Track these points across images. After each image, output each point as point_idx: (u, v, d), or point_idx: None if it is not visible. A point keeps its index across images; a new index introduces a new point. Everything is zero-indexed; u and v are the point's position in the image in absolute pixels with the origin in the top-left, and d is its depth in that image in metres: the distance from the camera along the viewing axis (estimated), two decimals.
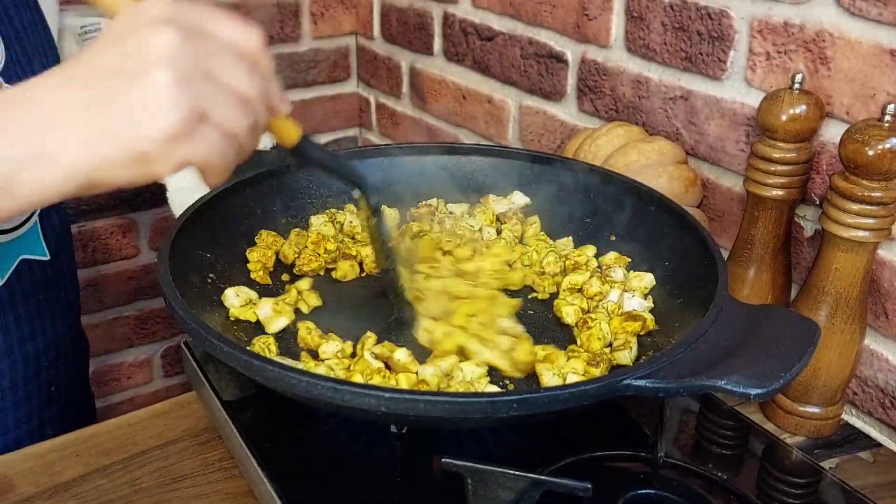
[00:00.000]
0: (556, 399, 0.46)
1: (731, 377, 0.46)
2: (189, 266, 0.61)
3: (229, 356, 0.49)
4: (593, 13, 0.93)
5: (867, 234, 0.62)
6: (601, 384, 0.47)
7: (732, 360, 0.48)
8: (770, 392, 0.46)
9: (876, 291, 0.71)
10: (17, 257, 0.76)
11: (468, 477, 0.49)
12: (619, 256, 0.72)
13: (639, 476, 0.55)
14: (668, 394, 0.47)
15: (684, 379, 0.47)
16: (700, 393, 0.47)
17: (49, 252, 0.80)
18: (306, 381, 0.47)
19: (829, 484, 0.62)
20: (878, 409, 0.73)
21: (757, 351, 0.49)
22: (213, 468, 0.65)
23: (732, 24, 0.78)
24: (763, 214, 0.71)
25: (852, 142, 0.61)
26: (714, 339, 0.51)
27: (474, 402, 0.47)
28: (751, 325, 0.52)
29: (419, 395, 0.48)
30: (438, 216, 0.78)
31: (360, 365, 0.58)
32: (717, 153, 0.83)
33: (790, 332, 0.51)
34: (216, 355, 0.51)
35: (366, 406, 0.46)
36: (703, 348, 0.50)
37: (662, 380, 0.47)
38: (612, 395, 0.47)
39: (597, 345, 0.62)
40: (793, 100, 0.67)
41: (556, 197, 0.78)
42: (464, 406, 0.46)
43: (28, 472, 0.65)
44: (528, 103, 1.07)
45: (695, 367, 0.48)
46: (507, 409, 0.46)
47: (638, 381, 0.47)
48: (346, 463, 0.59)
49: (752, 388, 0.45)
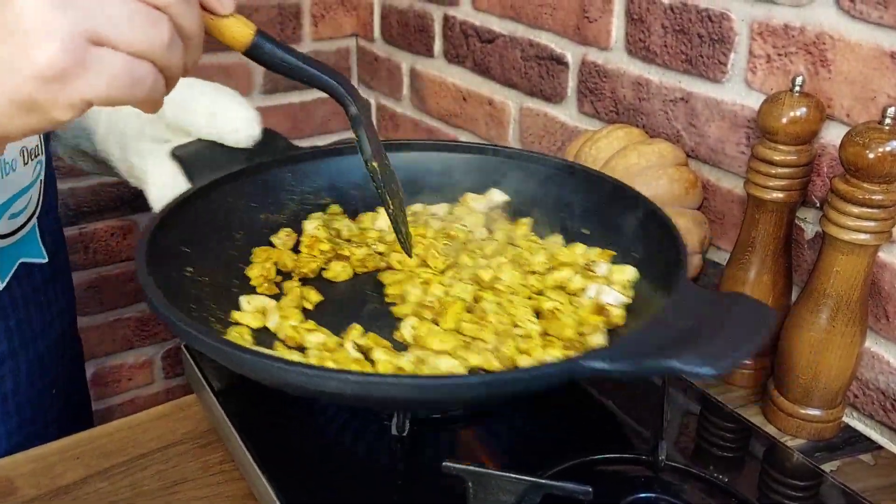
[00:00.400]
0: (518, 380, 0.47)
1: (683, 357, 0.46)
2: (168, 262, 0.60)
3: (201, 343, 0.49)
4: (594, 15, 0.93)
5: (868, 236, 0.62)
6: (561, 366, 0.49)
7: (688, 343, 0.48)
8: (719, 371, 0.46)
9: (877, 294, 0.71)
10: (16, 261, 0.76)
11: (469, 480, 0.49)
12: (604, 251, 0.72)
13: (640, 479, 0.55)
14: (624, 375, 0.47)
15: (640, 360, 0.47)
16: (655, 374, 0.48)
17: (47, 254, 0.79)
18: (278, 366, 0.47)
19: (829, 487, 0.61)
20: (879, 411, 0.73)
21: (712, 334, 0.49)
22: (213, 471, 0.65)
23: (733, 27, 0.78)
24: (763, 217, 0.71)
25: (853, 145, 0.61)
26: (673, 324, 0.51)
27: (440, 383, 0.48)
28: (710, 310, 0.52)
29: (384, 378, 0.49)
30: (423, 219, 0.77)
31: (339, 354, 0.58)
32: (717, 155, 0.83)
33: (746, 317, 0.51)
34: (191, 343, 0.50)
35: (333, 389, 0.46)
36: (662, 332, 0.50)
37: (619, 361, 0.48)
38: (572, 377, 0.48)
39: (568, 332, 0.62)
40: (793, 102, 0.67)
41: (526, 191, 0.77)
42: (430, 387, 0.47)
43: (29, 475, 0.65)
44: (528, 105, 1.07)
45: (649, 349, 0.48)
46: (472, 391, 0.46)
47: (595, 362, 0.47)
48: (346, 465, 0.59)
49: (702, 367, 0.46)
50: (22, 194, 0.74)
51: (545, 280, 0.70)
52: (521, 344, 0.61)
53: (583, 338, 0.62)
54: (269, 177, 0.74)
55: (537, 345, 0.60)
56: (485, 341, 0.61)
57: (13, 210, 0.74)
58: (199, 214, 0.67)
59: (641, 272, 0.68)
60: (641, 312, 0.64)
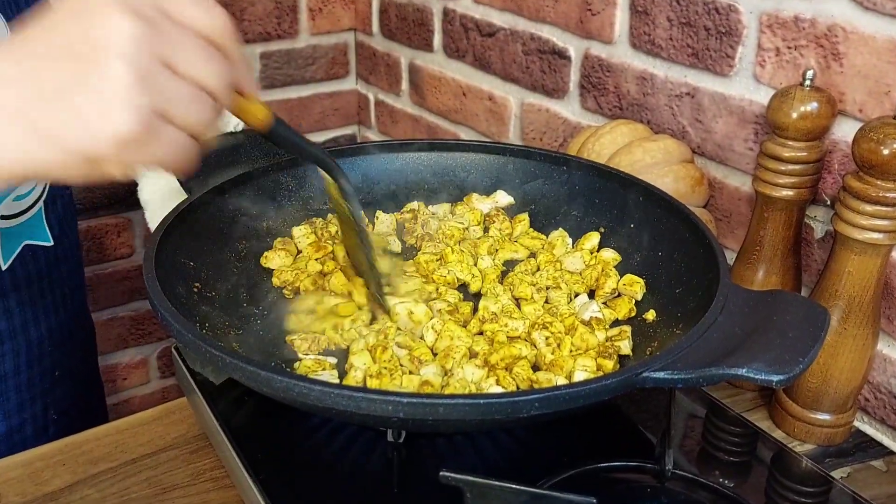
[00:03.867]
0: (578, 395, 0.46)
1: (752, 364, 0.46)
2: (174, 275, 0.59)
3: (209, 356, 0.48)
4: (597, 8, 0.92)
5: (881, 235, 0.61)
6: (621, 378, 0.47)
7: (747, 347, 0.48)
8: (791, 378, 0.46)
9: (889, 295, 0.70)
10: (20, 243, 0.77)
11: (467, 491, 0.47)
12: (615, 256, 0.71)
13: (645, 489, 0.53)
14: (687, 384, 0.47)
15: (702, 368, 0.47)
16: (718, 382, 0.47)
17: (52, 238, 0.80)
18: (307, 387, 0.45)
19: (840, 493, 0.60)
20: (891, 416, 0.72)
21: (770, 337, 0.49)
22: (203, 477, 0.63)
23: (741, 19, 0.77)
24: (772, 215, 0.69)
25: (866, 140, 0.59)
26: (725, 328, 0.51)
27: (493, 402, 0.45)
28: (758, 310, 0.52)
29: (435, 399, 0.47)
30: (422, 218, 0.76)
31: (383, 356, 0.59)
32: (724, 152, 0.82)
33: (799, 317, 0.51)
34: (208, 362, 0.49)
35: (380, 413, 0.44)
36: (715, 337, 0.50)
37: (680, 371, 0.47)
38: (632, 389, 0.47)
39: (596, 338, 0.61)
40: (804, 97, 0.65)
41: (541, 191, 0.77)
42: (485, 407, 0.45)
43: (14, 481, 0.63)
44: (529, 101, 1.06)
45: (710, 356, 0.48)
46: (529, 408, 0.45)
47: (656, 373, 0.47)
48: (339, 473, 0.58)
49: (774, 375, 0.46)
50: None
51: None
52: (548, 354, 0.60)
53: (613, 343, 0.61)
54: (268, 183, 0.73)
55: (566, 358, 0.59)
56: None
57: (18, 192, 0.75)
58: (199, 226, 0.66)
59: (659, 269, 0.67)
60: (666, 311, 0.63)
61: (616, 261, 0.70)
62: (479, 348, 0.60)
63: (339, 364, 0.60)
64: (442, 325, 0.61)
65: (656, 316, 0.64)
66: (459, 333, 0.61)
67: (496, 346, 0.60)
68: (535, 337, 0.61)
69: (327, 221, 0.75)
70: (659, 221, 0.68)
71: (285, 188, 0.75)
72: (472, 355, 0.60)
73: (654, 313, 0.64)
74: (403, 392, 0.52)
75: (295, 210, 0.75)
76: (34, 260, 0.79)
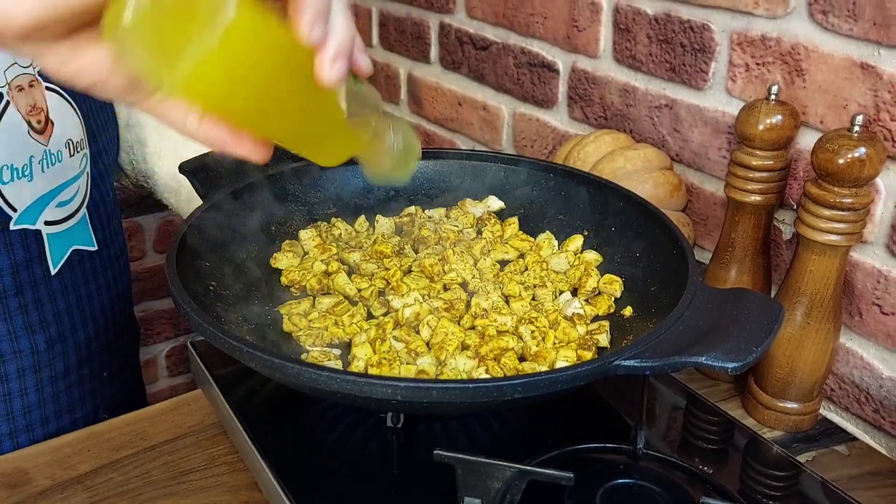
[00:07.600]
0: (556, 380, 0.50)
1: (710, 353, 0.51)
2: (192, 274, 0.63)
3: (234, 349, 0.53)
4: (582, 25, 0.96)
5: (839, 238, 0.65)
6: (595, 366, 0.52)
7: (708, 339, 0.53)
8: (745, 365, 0.51)
9: (850, 292, 0.74)
10: (69, 247, 0.80)
11: (459, 468, 0.52)
12: (597, 257, 0.75)
13: (619, 467, 0.58)
14: (653, 371, 0.52)
15: (667, 357, 0.52)
16: (681, 368, 0.52)
17: (97, 242, 0.83)
18: (321, 374, 0.50)
19: (808, 478, 0.64)
20: (853, 404, 0.76)
21: (729, 329, 0.54)
22: (218, 462, 0.68)
23: (713, 37, 0.81)
24: (743, 219, 0.74)
25: (823, 151, 0.64)
26: (690, 321, 0.55)
27: (481, 387, 0.50)
28: (721, 306, 0.57)
29: (430, 383, 0.52)
30: (419, 222, 0.80)
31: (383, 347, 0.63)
32: (700, 159, 0.86)
33: (757, 312, 0.55)
34: (229, 352, 0.53)
35: (381, 395, 0.49)
36: (681, 329, 0.55)
37: (648, 359, 0.52)
38: (605, 375, 0.52)
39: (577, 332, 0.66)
40: (769, 110, 0.70)
41: (529, 197, 0.81)
42: (474, 391, 0.50)
43: (44, 466, 0.68)
44: (521, 110, 1.10)
45: (675, 346, 0.53)
46: (513, 392, 0.49)
47: (626, 361, 0.51)
48: (344, 456, 0.62)
49: (730, 363, 0.50)
50: (69, 184, 0.78)
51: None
52: (534, 346, 0.65)
53: (592, 336, 0.66)
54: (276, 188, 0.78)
55: (549, 349, 0.64)
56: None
57: (61, 198, 0.78)
58: (215, 228, 0.70)
59: (636, 268, 0.71)
60: (643, 306, 0.68)
61: (598, 261, 0.75)
62: (470, 341, 0.65)
63: (342, 356, 0.65)
64: (437, 322, 0.66)
65: (633, 312, 0.68)
66: (453, 329, 0.66)
67: (486, 339, 0.65)
68: (521, 331, 0.66)
69: (331, 225, 0.80)
70: (637, 225, 0.72)
71: (293, 194, 0.79)
72: (464, 348, 0.65)
73: (630, 309, 0.69)
74: (401, 377, 0.57)
75: (301, 215, 0.79)
76: (81, 264, 0.81)
